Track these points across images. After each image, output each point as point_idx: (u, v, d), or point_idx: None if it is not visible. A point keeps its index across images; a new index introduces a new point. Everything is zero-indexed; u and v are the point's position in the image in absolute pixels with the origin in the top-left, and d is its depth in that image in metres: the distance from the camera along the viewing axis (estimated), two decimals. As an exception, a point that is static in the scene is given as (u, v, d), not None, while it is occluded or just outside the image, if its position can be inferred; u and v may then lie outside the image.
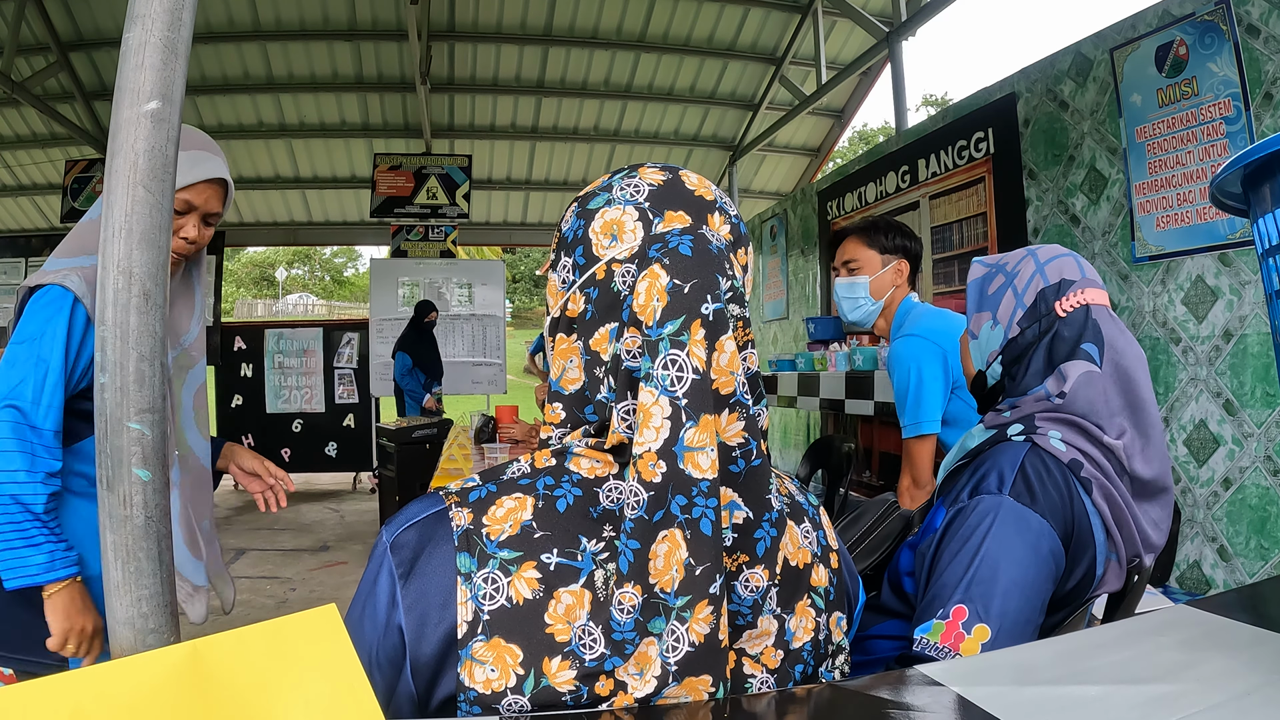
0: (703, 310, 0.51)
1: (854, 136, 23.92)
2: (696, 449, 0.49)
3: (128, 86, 0.85)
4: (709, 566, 0.49)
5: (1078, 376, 0.88)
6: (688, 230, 0.56)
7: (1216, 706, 0.45)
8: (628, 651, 0.49)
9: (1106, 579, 0.86)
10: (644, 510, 0.49)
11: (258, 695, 0.34)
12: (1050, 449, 0.86)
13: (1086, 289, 0.92)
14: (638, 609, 0.48)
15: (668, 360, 0.50)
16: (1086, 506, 0.84)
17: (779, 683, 0.55)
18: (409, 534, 0.54)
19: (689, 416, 0.49)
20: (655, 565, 0.48)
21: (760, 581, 0.53)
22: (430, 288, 6.61)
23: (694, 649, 0.49)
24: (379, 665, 0.53)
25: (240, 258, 27.44)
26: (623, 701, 0.50)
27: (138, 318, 0.89)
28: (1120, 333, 0.91)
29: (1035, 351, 0.92)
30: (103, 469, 0.95)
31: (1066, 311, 0.91)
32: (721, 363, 0.51)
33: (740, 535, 0.52)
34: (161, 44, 0.86)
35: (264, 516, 5.79)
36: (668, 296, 0.52)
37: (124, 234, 0.88)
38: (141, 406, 0.93)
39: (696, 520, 0.49)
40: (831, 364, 3.63)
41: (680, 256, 0.53)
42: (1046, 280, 0.94)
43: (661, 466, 0.49)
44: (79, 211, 6.25)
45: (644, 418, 0.50)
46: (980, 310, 1.00)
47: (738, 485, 0.52)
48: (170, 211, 0.73)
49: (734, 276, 0.55)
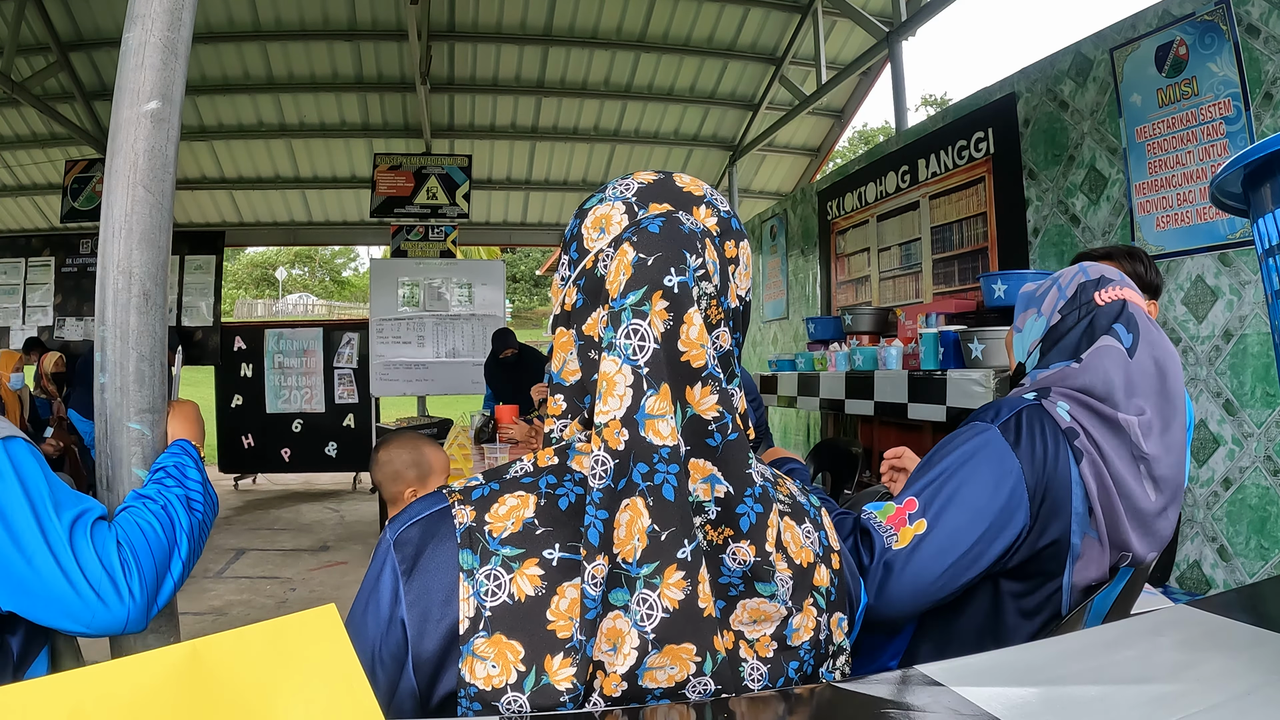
0: (665, 282, 0.52)
1: (854, 136, 23.90)
2: (657, 416, 0.50)
3: (128, 86, 0.85)
4: (674, 531, 0.49)
5: (1097, 348, 0.92)
6: (663, 214, 0.57)
7: (1216, 706, 0.45)
8: (593, 624, 0.49)
9: (1086, 558, 0.86)
10: (610, 479, 0.49)
11: (257, 695, 0.34)
12: (1054, 413, 0.89)
13: (1125, 289, 0.97)
14: (603, 581, 0.49)
15: (629, 329, 0.51)
16: (1071, 475, 0.86)
17: (771, 676, 0.55)
18: (412, 531, 0.55)
19: (650, 385, 0.50)
20: (618, 535, 0.49)
21: (747, 556, 0.53)
22: (430, 288, 6.61)
23: (669, 615, 0.49)
24: (382, 661, 0.53)
25: (240, 258, 27.43)
26: (609, 683, 0.49)
27: (138, 318, 0.89)
28: (1154, 326, 0.95)
29: (1071, 333, 0.96)
30: (102, 469, 0.96)
31: (1105, 301, 0.95)
32: (691, 335, 0.51)
33: (723, 509, 0.52)
34: (161, 44, 0.86)
35: (264, 516, 5.79)
36: (632, 269, 0.53)
37: (124, 234, 0.88)
38: (141, 406, 0.94)
39: (659, 486, 0.49)
40: (831, 364, 3.63)
41: (648, 234, 0.55)
42: (1088, 276, 0.99)
43: (625, 434, 0.49)
44: (79, 211, 6.25)
45: (607, 386, 0.50)
46: (1027, 309, 1.05)
47: (716, 459, 0.52)
48: (170, 211, 0.73)
49: (705, 257, 0.55)
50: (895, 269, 4.07)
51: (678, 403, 0.51)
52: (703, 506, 0.52)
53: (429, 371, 6.52)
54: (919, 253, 3.85)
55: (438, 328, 6.57)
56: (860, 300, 4.44)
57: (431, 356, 6.54)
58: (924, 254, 3.80)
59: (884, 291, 4.20)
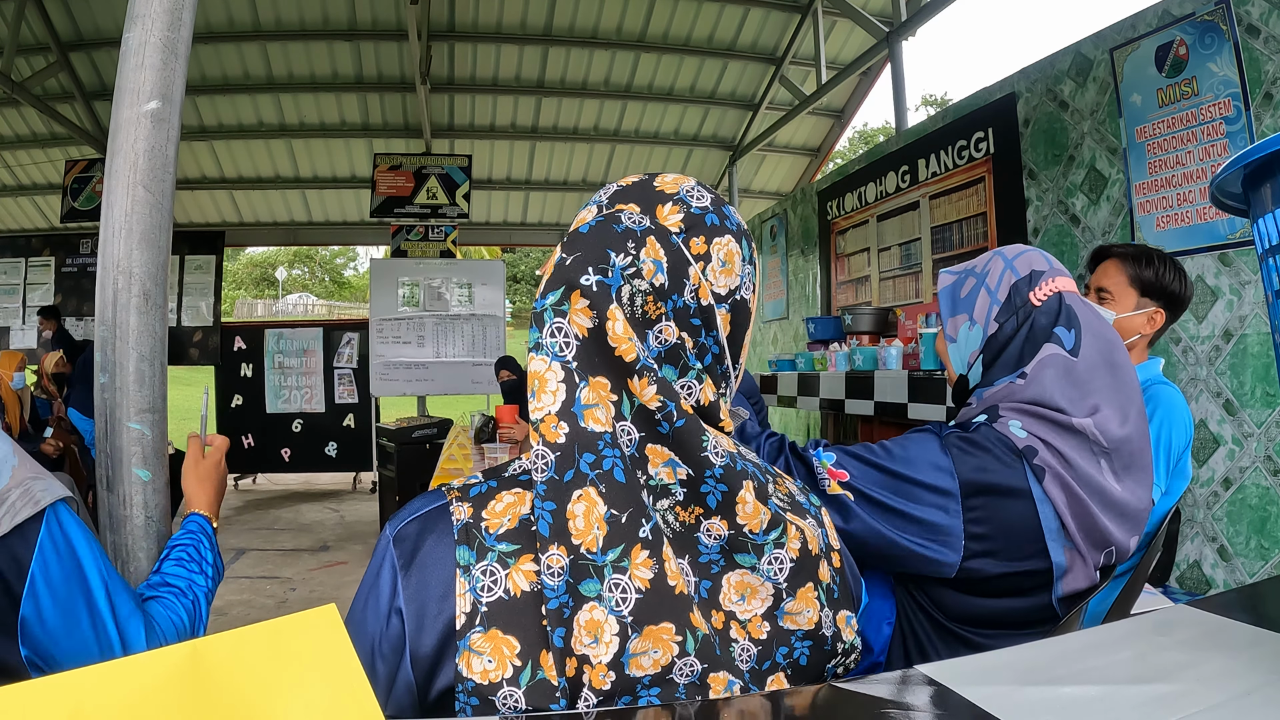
0: (582, 280, 0.53)
1: (854, 136, 23.94)
2: (593, 405, 0.51)
3: (128, 86, 0.85)
4: (633, 511, 0.50)
5: (1040, 359, 0.89)
6: (606, 214, 0.58)
7: (1216, 706, 0.45)
8: (565, 615, 0.49)
9: (1073, 569, 0.85)
10: (553, 470, 0.50)
11: (257, 695, 0.34)
12: (1008, 434, 0.87)
13: (1056, 278, 0.93)
14: (566, 570, 0.49)
15: (553, 328, 0.53)
16: (1034, 494, 0.84)
17: (759, 658, 0.55)
18: (411, 527, 0.56)
19: (580, 377, 0.52)
20: (575, 526, 0.50)
21: (720, 531, 0.54)
22: (430, 288, 6.61)
23: (642, 595, 0.50)
24: (383, 655, 0.54)
25: (240, 258, 27.44)
26: (595, 675, 0.49)
27: (138, 318, 0.89)
28: (1094, 314, 0.92)
29: (1012, 344, 0.92)
30: (102, 469, 0.95)
31: (1041, 300, 0.92)
32: (617, 331, 0.52)
33: (689, 490, 0.53)
34: (161, 44, 0.86)
35: (264, 516, 5.80)
36: (553, 269, 0.55)
37: (124, 234, 0.88)
38: (141, 406, 0.94)
39: (609, 471, 0.50)
40: (831, 364, 3.63)
41: (577, 235, 0.57)
42: (1018, 274, 0.94)
43: (564, 427, 0.51)
44: (79, 212, 6.25)
45: (539, 384, 0.52)
46: (955, 314, 1.00)
47: (670, 444, 0.53)
48: (170, 211, 0.73)
49: (641, 255, 0.55)
50: (895, 269, 4.07)
51: (622, 393, 0.52)
52: (669, 489, 0.53)
53: (429, 371, 6.52)
54: (919, 253, 3.85)
55: (438, 328, 6.57)
56: (860, 300, 4.45)
57: (431, 356, 6.54)
58: (924, 254, 3.80)
59: (884, 291, 4.20)
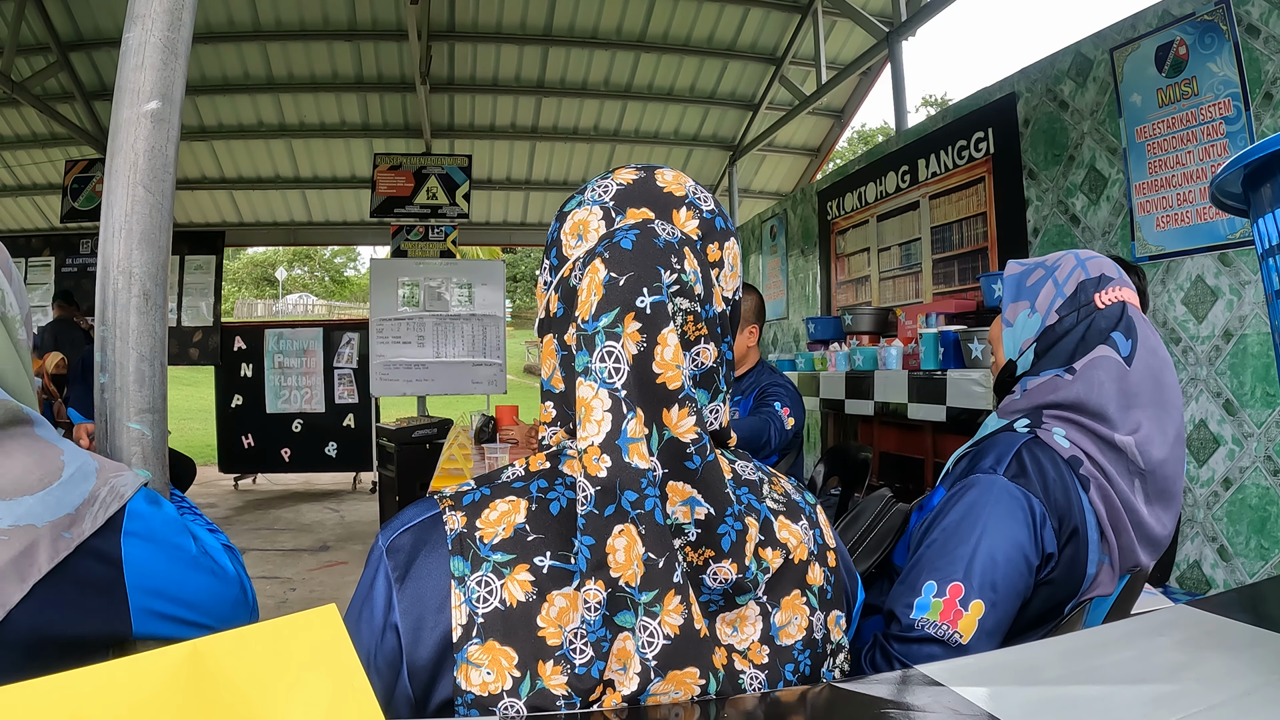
0: (637, 303, 0.51)
1: (854, 136, 23.93)
2: (639, 439, 0.49)
3: (128, 86, 0.85)
4: (668, 556, 0.49)
5: (1092, 358, 0.88)
6: (638, 225, 0.56)
7: (1216, 706, 0.45)
8: (604, 649, 0.49)
9: (1099, 581, 0.85)
10: (593, 505, 0.49)
11: (258, 695, 0.34)
12: (1053, 444, 0.86)
13: (1123, 288, 0.93)
14: (603, 604, 0.48)
15: (604, 353, 0.50)
16: (1083, 502, 0.84)
17: (770, 681, 0.54)
18: (404, 538, 0.55)
19: (629, 408, 0.49)
20: (615, 559, 0.48)
21: (728, 574, 0.53)
22: (430, 288, 6.61)
23: (670, 641, 0.49)
24: (377, 668, 0.53)
25: (240, 258, 27.43)
26: (612, 699, 0.49)
27: (138, 318, 0.89)
28: (1151, 331, 0.91)
29: (1067, 338, 0.91)
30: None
31: (1105, 304, 0.91)
32: (665, 356, 0.50)
33: (704, 531, 0.51)
34: (161, 44, 0.86)
35: (264, 516, 5.79)
36: (603, 290, 0.52)
37: (124, 234, 0.88)
38: (141, 406, 0.93)
39: (650, 512, 0.49)
40: (831, 364, 3.63)
41: (620, 250, 0.53)
42: (1088, 274, 0.94)
43: (606, 461, 0.49)
44: (79, 212, 6.24)
45: (585, 412, 0.50)
46: (1018, 300, 0.99)
47: (695, 482, 0.51)
48: (170, 211, 0.73)
49: (683, 270, 0.54)
50: (895, 269, 4.07)
51: (653, 425, 0.50)
52: (682, 529, 0.51)
53: (429, 371, 6.52)
54: (919, 253, 3.85)
55: (438, 328, 6.56)
56: (860, 300, 4.44)
57: (431, 356, 6.54)
58: (924, 254, 3.80)
59: (884, 291, 4.20)
